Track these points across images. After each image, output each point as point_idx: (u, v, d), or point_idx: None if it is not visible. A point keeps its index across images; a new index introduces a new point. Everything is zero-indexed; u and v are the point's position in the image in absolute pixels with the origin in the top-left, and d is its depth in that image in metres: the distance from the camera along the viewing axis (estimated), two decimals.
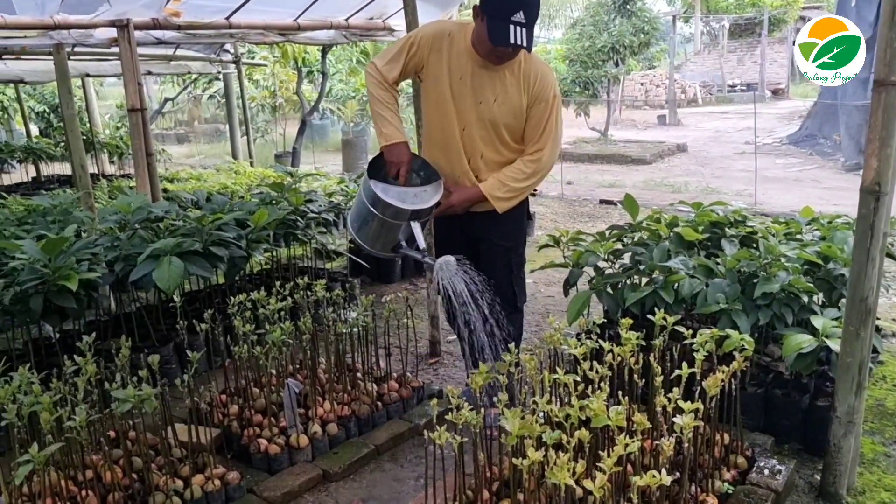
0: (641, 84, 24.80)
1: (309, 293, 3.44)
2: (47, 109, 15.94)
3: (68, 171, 10.75)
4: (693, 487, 2.36)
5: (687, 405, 2.10)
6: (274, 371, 3.15)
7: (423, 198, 2.85)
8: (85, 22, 4.67)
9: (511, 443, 2.10)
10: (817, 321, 2.74)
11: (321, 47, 9.66)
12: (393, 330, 3.38)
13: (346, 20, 6.09)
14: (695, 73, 26.57)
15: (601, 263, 3.55)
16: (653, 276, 3.32)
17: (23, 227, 4.26)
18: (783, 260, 3.06)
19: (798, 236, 3.54)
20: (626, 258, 3.60)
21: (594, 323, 2.84)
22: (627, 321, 2.65)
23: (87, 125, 11.60)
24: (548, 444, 2.00)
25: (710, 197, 7.85)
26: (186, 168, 10.51)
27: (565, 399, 2.44)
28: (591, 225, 7.66)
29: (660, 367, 2.38)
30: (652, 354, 2.51)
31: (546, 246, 3.78)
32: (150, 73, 9.93)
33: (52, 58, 5.02)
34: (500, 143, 2.97)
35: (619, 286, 3.40)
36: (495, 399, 2.24)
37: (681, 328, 2.62)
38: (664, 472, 1.83)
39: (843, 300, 2.77)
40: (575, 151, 13.60)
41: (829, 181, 10.02)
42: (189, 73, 11.20)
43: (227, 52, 9.33)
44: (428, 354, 4.12)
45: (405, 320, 3.39)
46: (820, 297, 3.13)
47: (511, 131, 2.95)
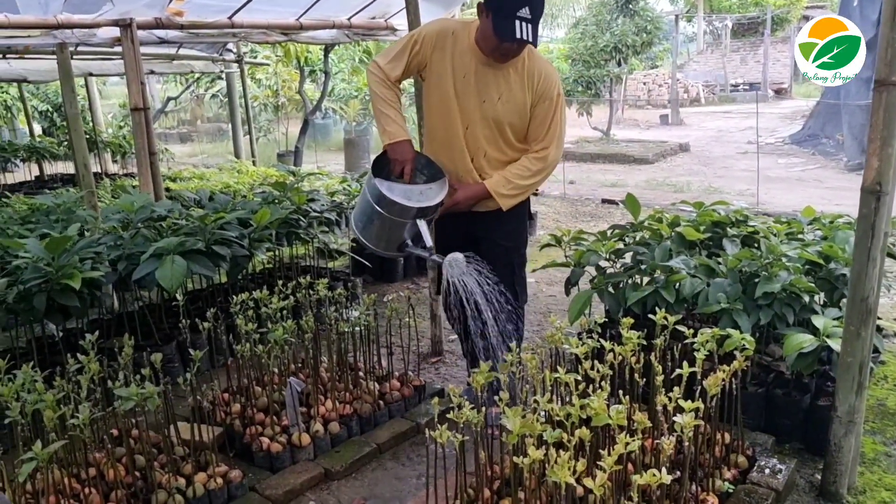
0: (644, 83, 24.78)
1: (311, 292, 3.44)
2: (50, 108, 15.99)
3: (71, 170, 10.79)
4: (694, 486, 2.36)
5: (687, 404, 2.10)
6: (276, 370, 3.16)
7: (429, 195, 2.82)
8: (88, 21, 4.68)
9: (512, 441, 2.11)
10: (818, 321, 2.74)
11: (324, 46, 9.68)
12: (395, 329, 3.39)
13: (348, 19, 6.11)
14: (697, 73, 26.53)
15: (603, 263, 3.56)
16: (654, 275, 3.32)
17: (26, 226, 4.28)
18: (784, 260, 3.06)
19: (800, 236, 3.54)
20: (628, 258, 3.61)
21: (595, 322, 2.85)
22: (628, 320, 2.65)
23: (91, 124, 11.64)
24: (549, 443, 2.00)
25: (713, 196, 7.84)
26: (189, 167, 10.54)
27: (566, 398, 2.45)
28: (593, 224, 7.67)
29: (661, 367, 2.38)
30: (653, 354, 2.52)
31: (548, 245, 3.79)
32: (152, 72, 9.94)
33: (55, 57, 5.04)
34: (503, 142, 2.96)
35: (621, 286, 3.41)
36: (496, 398, 2.25)
37: (682, 328, 2.63)
38: (664, 470, 1.84)
39: (844, 300, 2.77)
40: (577, 151, 13.60)
41: (832, 181, 10.00)
42: (192, 72, 11.22)
43: (230, 51, 9.35)
44: (430, 353, 4.13)
45: (407, 319, 3.39)
46: (821, 296, 3.14)
47: (515, 130, 2.95)
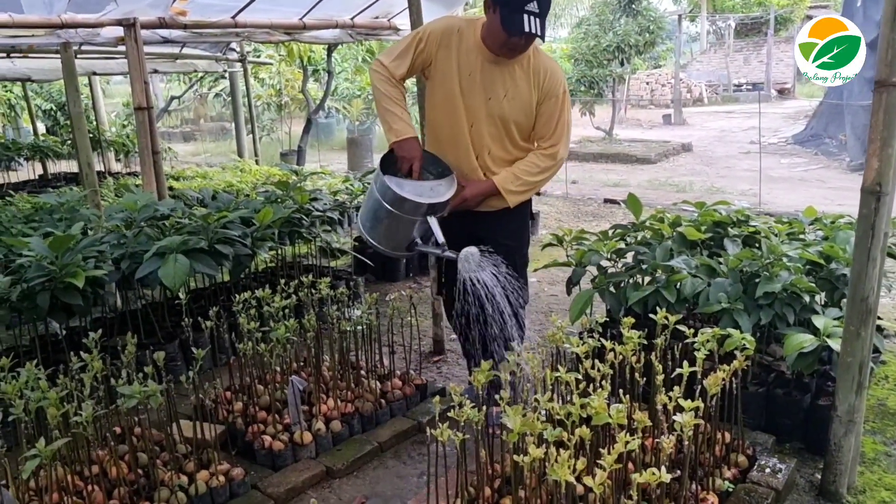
0: (647, 83, 24.74)
1: (313, 291, 3.45)
2: (54, 107, 16.04)
3: (75, 168, 10.80)
4: (693, 485, 2.37)
5: (688, 403, 2.11)
6: (278, 368, 3.17)
7: (439, 191, 2.80)
8: (92, 21, 4.69)
9: (513, 440, 2.12)
10: (818, 321, 2.75)
11: (327, 46, 9.69)
12: (397, 328, 3.40)
13: (351, 19, 6.12)
14: (700, 73, 26.50)
15: (604, 262, 3.57)
16: (655, 275, 3.33)
17: (30, 225, 4.30)
18: (785, 260, 3.06)
19: (801, 236, 3.54)
20: (629, 257, 3.61)
21: (596, 322, 2.85)
22: (629, 320, 2.66)
23: (94, 123, 11.66)
24: (549, 442, 2.01)
25: (715, 196, 7.84)
26: (192, 166, 10.56)
27: (567, 397, 2.45)
28: (595, 224, 7.67)
29: (661, 366, 2.39)
30: (653, 353, 2.52)
31: (549, 245, 3.79)
32: (156, 71, 9.96)
33: (59, 56, 5.05)
34: (508, 141, 2.95)
35: (622, 285, 3.42)
36: (497, 397, 2.25)
37: (682, 327, 2.63)
38: (664, 469, 1.85)
39: (845, 300, 2.77)
40: (580, 150, 13.60)
41: (834, 181, 10.00)
42: (195, 71, 11.23)
43: (233, 50, 9.37)
44: (431, 353, 4.15)
45: (409, 318, 3.40)
46: (822, 296, 3.14)
47: (520, 128, 2.94)
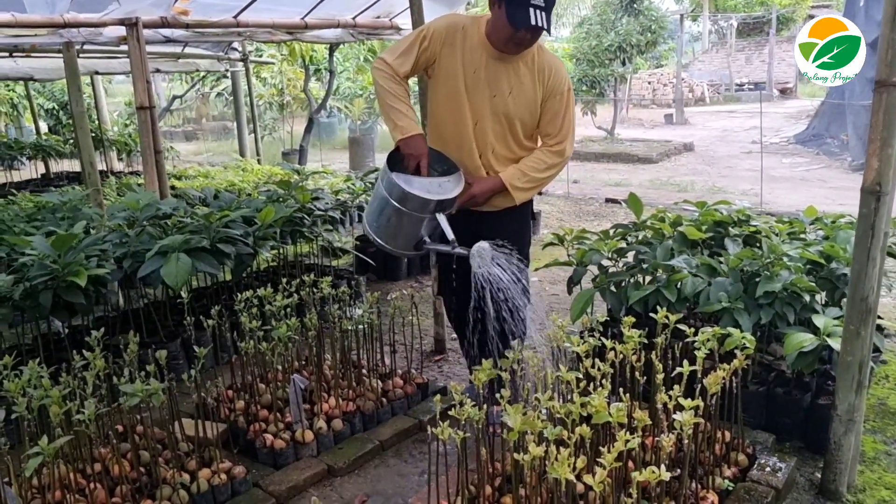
0: (649, 83, 24.74)
1: (315, 290, 3.46)
2: (56, 106, 16.05)
3: (77, 168, 10.83)
4: (693, 484, 2.38)
5: (688, 402, 2.12)
6: (280, 367, 3.18)
7: (447, 188, 2.76)
8: (94, 20, 4.70)
9: (513, 438, 2.13)
10: (819, 320, 2.75)
11: (328, 45, 9.70)
12: (398, 327, 3.41)
13: (353, 19, 6.13)
14: (702, 72, 26.50)
15: (605, 262, 3.58)
16: (656, 274, 3.34)
17: (32, 224, 4.31)
18: (786, 259, 3.07)
19: (801, 236, 3.55)
20: (630, 257, 3.62)
21: (597, 321, 2.85)
22: (630, 319, 2.66)
23: (96, 122, 11.68)
24: (549, 440, 2.02)
25: (716, 196, 7.83)
26: (194, 165, 10.57)
27: (567, 396, 2.46)
28: (596, 224, 7.68)
29: (661, 365, 2.40)
30: (654, 352, 2.53)
31: (551, 244, 3.80)
32: (158, 70, 9.98)
33: (61, 55, 5.07)
34: (512, 139, 2.94)
35: (623, 284, 3.43)
36: (498, 395, 2.26)
37: (683, 326, 2.64)
38: (664, 467, 1.85)
39: (845, 299, 2.78)
40: (581, 150, 13.60)
41: (836, 181, 9.99)
42: (197, 70, 11.25)
43: (235, 50, 9.38)
44: (433, 352, 4.16)
45: (410, 317, 3.41)
46: (822, 296, 3.15)
47: (525, 126, 2.93)
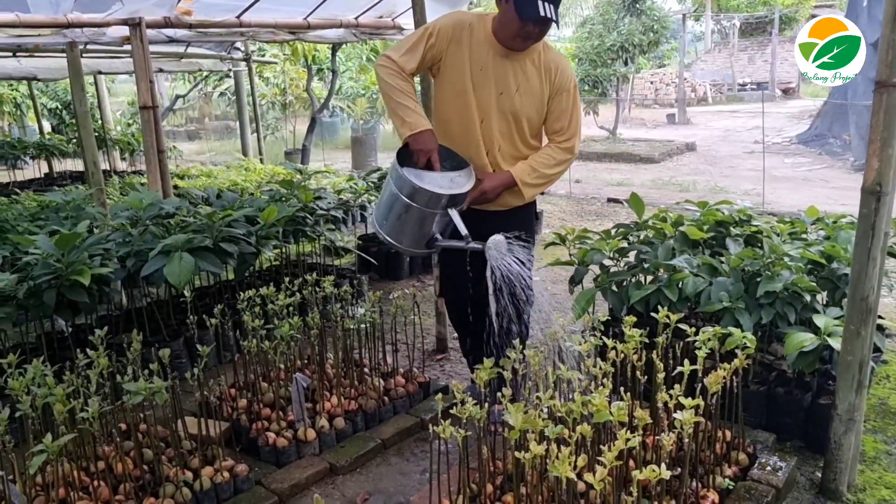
0: (651, 83, 24.74)
1: (317, 289, 3.47)
2: (60, 106, 16.08)
3: (80, 167, 10.86)
4: (694, 483, 2.39)
5: (688, 401, 2.12)
6: (282, 366, 3.19)
7: (459, 183, 2.73)
8: (98, 20, 4.72)
9: (514, 437, 2.13)
10: (819, 320, 2.76)
11: (331, 45, 9.71)
12: (400, 326, 3.41)
13: (355, 18, 6.14)
14: (705, 72, 26.49)
15: (606, 261, 3.58)
16: (657, 274, 3.35)
17: (36, 223, 4.33)
18: (787, 259, 3.07)
19: (803, 236, 3.55)
20: (632, 256, 3.63)
21: (598, 320, 2.86)
22: (631, 318, 2.67)
23: (99, 122, 11.71)
24: (550, 439, 2.03)
25: (718, 196, 7.84)
26: (197, 165, 10.57)
27: (568, 395, 2.47)
28: (598, 223, 7.68)
29: (662, 364, 2.41)
30: (655, 352, 2.53)
31: (552, 244, 3.81)
32: (161, 70, 9.99)
33: (65, 55, 5.08)
34: (518, 138, 2.93)
35: (624, 284, 3.43)
36: (499, 394, 2.27)
37: (684, 326, 2.64)
38: (664, 466, 1.86)
39: (846, 299, 2.78)
40: (584, 150, 13.59)
41: (838, 181, 9.98)
42: (200, 70, 11.26)
43: (238, 49, 9.39)
44: (434, 350, 4.17)
45: (412, 317, 3.42)
46: (823, 296, 3.15)
47: (531, 124, 2.92)
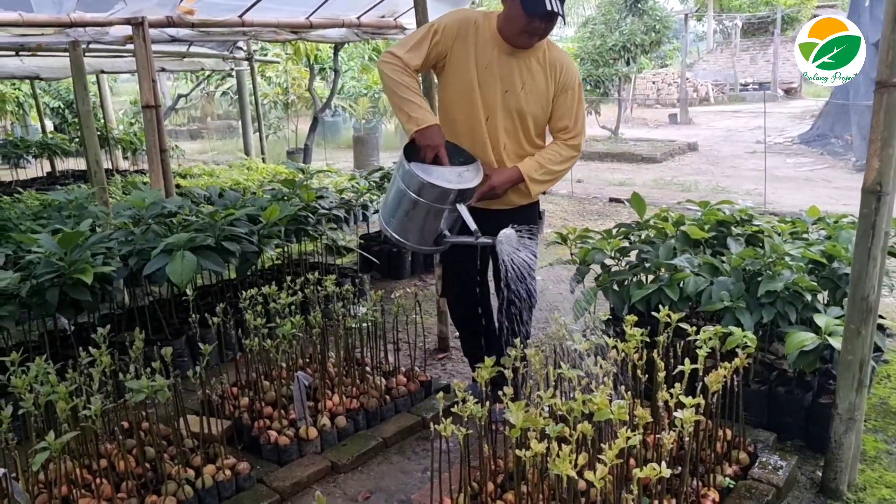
0: (653, 82, 24.73)
1: (319, 288, 3.48)
2: (62, 105, 16.12)
3: (83, 166, 10.89)
4: (694, 482, 2.39)
5: (688, 400, 2.13)
6: (284, 364, 3.19)
7: (467, 177, 2.70)
8: (101, 20, 4.73)
9: (515, 435, 2.14)
10: (820, 319, 2.76)
11: (333, 45, 9.72)
12: (402, 325, 3.42)
13: (357, 18, 6.14)
14: (707, 72, 26.47)
15: (608, 261, 3.59)
16: (658, 273, 3.35)
17: (38, 222, 4.34)
18: (788, 259, 3.08)
19: (804, 235, 3.56)
20: (633, 256, 3.63)
21: (600, 319, 2.87)
22: (632, 318, 2.67)
23: (102, 121, 11.73)
24: (551, 437, 2.03)
25: (720, 196, 7.83)
26: (199, 164, 10.58)
27: (569, 394, 2.48)
28: (600, 223, 7.68)
29: (663, 364, 2.41)
30: (656, 351, 2.54)
31: (554, 243, 3.82)
32: (163, 69, 10.01)
33: (67, 54, 5.09)
34: (523, 136, 2.93)
35: (625, 283, 3.44)
36: (500, 393, 2.28)
37: (685, 325, 2.65)
38: (664, 465, 1.87)
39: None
40: (585, 149, 13.35)
41: (840, 181, 9.98)
42: (202, 69, 11.29)
43: (240, 49, 9.40)
44: (436, 350, 4.17)
45: (414, 316, 3.43)
46: (824, 295, 3.16)
47: (536, 123, 2.92)
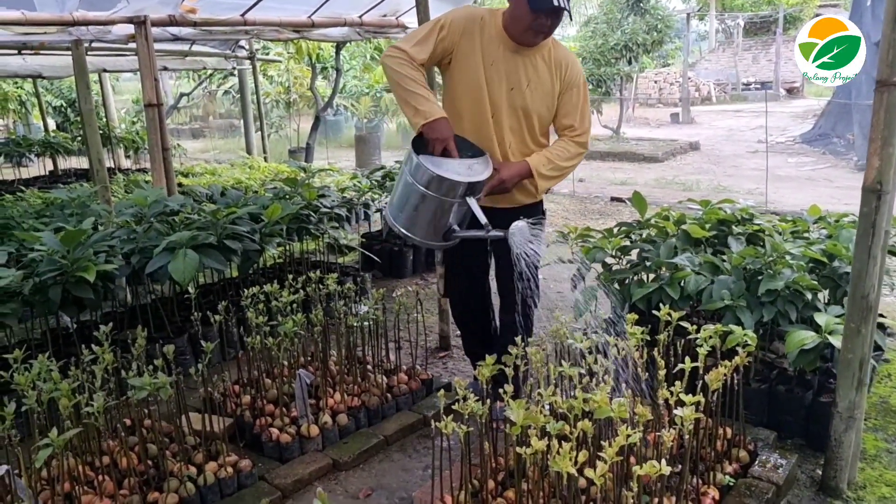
0: (655, 82, 24.73)
1: (321, 286, 3.49)
2: (64, 104, 16.16)
3: (85, 165, 10.89)
4: (694, 479, 2.40)
5: (688, 398, 2.14)
6: (286, 362, 3.20)
7: (477, 170, 2.67)
8: (103, 18, 4.74)
9: (516, 433, 2.15)
10: (820, 318, 2.77)
11: (335, 44, 9.73)
12: (403, 324, 3.43)
13: (359, 17, 6.15)
14: (709, 71, 26.44)
15: (609, 260, 3.59)
16: (659, 272, 3.36)
17: (41, 220, 4.35)
18: (788, 258, 3.08)
19: (805, 234, 3.56)
20: (634, 255, 3.64)
21: (601, 318, 2.88)
22: (633, 316, 2.68)
23: (104, 120, 11.74)
24: (551, 435, 2.04)
25: (721, 195, 7.83)
26: (201, 163, 10.60)
27: (571, 392, 2.48)
28: (601, 222, 7.69)
29: (664, 362, 2.42)
30: (656, 349, 2.55)
31: (555, 242, 3.82)
32: (165, 68, 10.00)
33: (70, 53, 5.10)
34: (528, 134, 2.92)
35: (626, 282, 3.44)
36: (501, 391, 2.28)
37: (685, 324, 2.65)
38: (664, 462, 1.87)
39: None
40: None
41: (842, 180, 9.98)
42: (204, 68, 11.29)
43: (242, 48, 9.41)
44: (437, 348, 4.18)
45: (415, 314, 3.43)
46: (825, 294, 3.16)
47: (542, 121, 2.91)
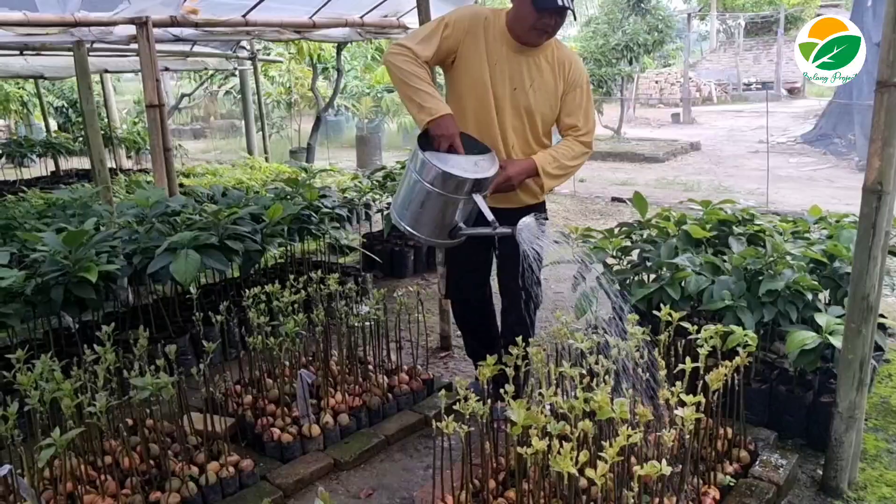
0: (656, 82, 24.72)
1: (322, 287, 3.49)
2: (66, 105, 16.17)
3: (87, 165, 10.86)
4: (695, 479, 2.40)
5: (689, 398, 2.14)
6: (287, 362, 3.21)
7: (483, 167, 2.64)
8: (105, 19, 4.75)
9: (517, 433, 2.15)
10: (821, 318, 2.77)
11: (336, 44, 9.74)
12: (404, 324, 3.43)
13: (360, 18, 6.15)
14: (710, 72, 26.44)
15: (610, 260, 3.60)
16: (660, 272, 3.36)
17: (43, 221, 4.35)
18: (789, 258, 3.09)
19: (805, 235, 3.56)
20: (635, 255, 3.64)
21: (601, 318, 2.88)
22: (634, 317, 2.68)
23: (105, 120, 11.75)
24: (552, 435, 2.05)
25: (722, 195, 7.80)
26: (202, 163, 10.62)
27: (571, 392, 2.49)
28: (602, 222, 7.69)
29: (664, 362, 2.42)
30: (657, 349, 2.55)
31: (556, 242, 3.82)
32: (167, 69, 10.04)
33: (71, 54, 5.11)
34: (531, 135, 2.92)
35: (627, 282, 3.45)
36: (502, 391, 2.29)
37: (686, 324, 2.66)
38: (665, 462, 1.88)
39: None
40: None
41: (843, 180, 9.98)
42: (206, 69, 11.31)
43: (244, 48, 9.43)
44: (438, 348, 4.18)
45: (416, 314, 3.44)
46: (826, 294, 3.17)
47: (545, 122, 2.92)
